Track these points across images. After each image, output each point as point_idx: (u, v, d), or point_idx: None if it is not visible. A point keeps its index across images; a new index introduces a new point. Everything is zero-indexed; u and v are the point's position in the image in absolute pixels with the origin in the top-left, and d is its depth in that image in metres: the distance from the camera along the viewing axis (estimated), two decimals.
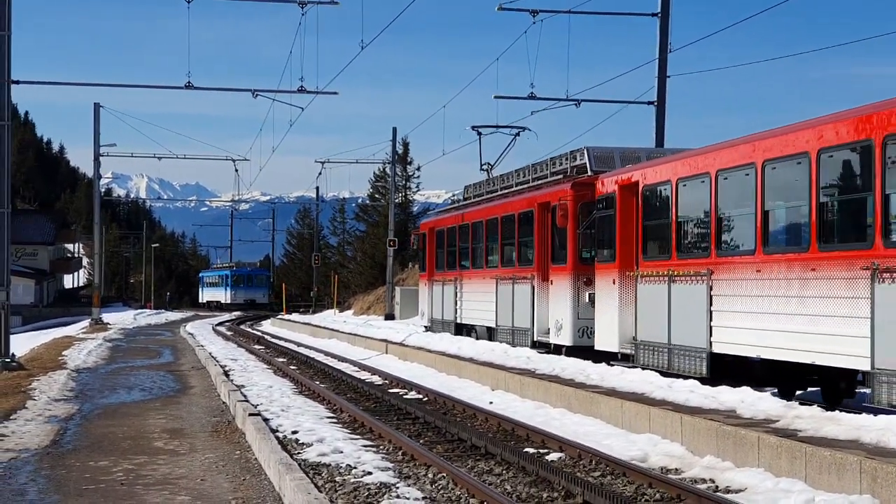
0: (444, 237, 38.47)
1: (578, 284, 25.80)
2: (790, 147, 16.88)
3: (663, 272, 20.96)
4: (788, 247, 17.21)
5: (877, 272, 14.51)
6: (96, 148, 63.94)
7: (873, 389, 14.63)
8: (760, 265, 17.67)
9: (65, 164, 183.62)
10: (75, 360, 32.38)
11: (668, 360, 20.68)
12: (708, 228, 19.53)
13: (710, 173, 19.38)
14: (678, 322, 20.34)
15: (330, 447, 14.67)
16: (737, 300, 18.45)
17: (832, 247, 15.88)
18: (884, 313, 14.41)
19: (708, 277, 19.27)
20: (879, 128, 14.66)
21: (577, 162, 27.22)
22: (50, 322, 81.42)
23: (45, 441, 15.84)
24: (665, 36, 35.35)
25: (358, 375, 27.35)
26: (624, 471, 12.98)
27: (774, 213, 17.78)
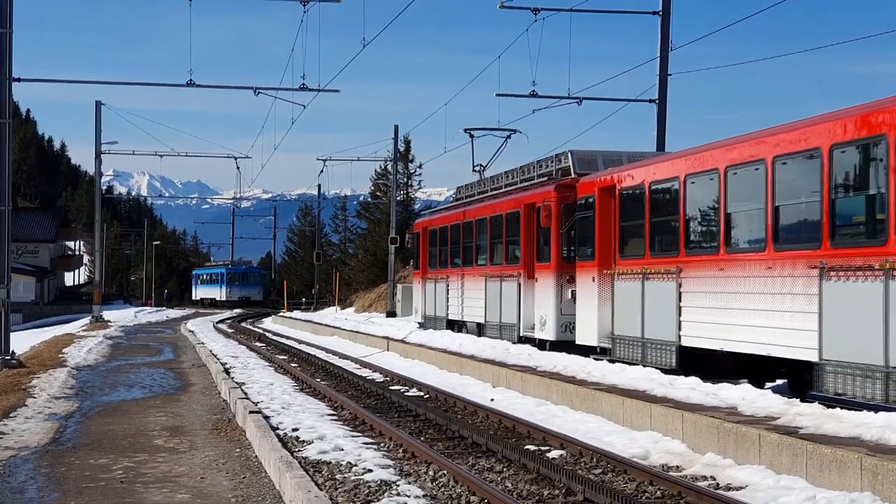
0: (437, 236, 39.44)
1: (562, 282, 26.89)
2: (749, 154, 17.99)
3: (638, 270, 22.02)
4: (748, 247, 18.22)
5: (824, 271, 15.67)
6: (97, 145, 63.98)
7: (820, 379, 15.70)
8: (724, 264, 18.74)
9: (66, 161, 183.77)
10: (76, 357, 32.38)
11: (641, 353, 21.73)
12: (677, 229, 20.54)
13: (680, 177, 20.45)
14: (651, 317, 21.43)
15: (330, 445, 14.65)
16: (702, 296, 19.52)
17: (785, 247, 16.97)
18: (830, 309, 15.55)
19: (677, 275, 20.34)
20: (827, 139, 15.81)
21: (561, 164, 28.24)
22: (51, 320, 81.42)
23: (44, 439, 15.82)
24: (666, 34, 35.34)
25: (359, 373, 27.33)
26: (625, 468, 12.96)
27: (736, 215, 18.72)
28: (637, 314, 21.94)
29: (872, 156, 15.06)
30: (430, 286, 40.20)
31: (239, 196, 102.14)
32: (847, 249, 15.47)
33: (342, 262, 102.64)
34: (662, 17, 35.39)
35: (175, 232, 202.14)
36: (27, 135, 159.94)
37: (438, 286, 38.71)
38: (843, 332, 15.35)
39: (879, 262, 14.59)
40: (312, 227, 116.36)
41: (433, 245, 40.15)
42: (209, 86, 49.04)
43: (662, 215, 21.41)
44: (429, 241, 40.82)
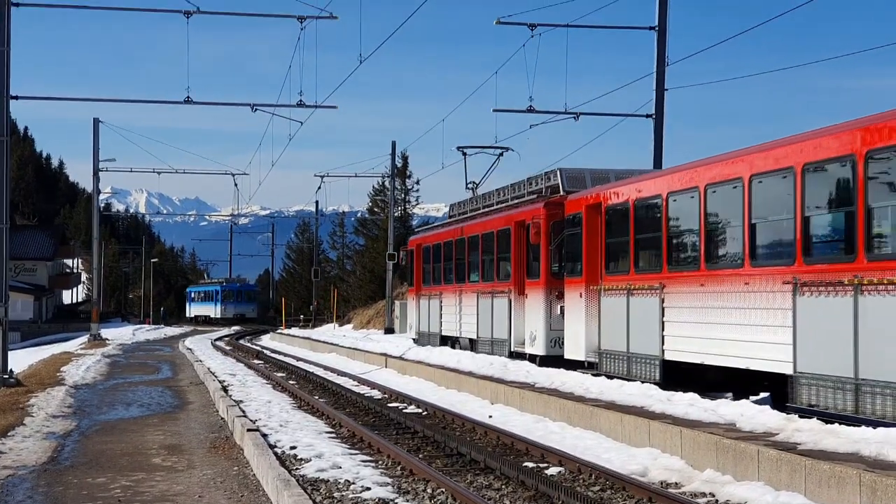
0: (430, 253, 40.09)
1: (551, 298, 27.40)
2: (728, 173, 18.61)
3: (623, 286, 22.63)
4: (726, 263, 18.76)
5: (798, 286, 16.28)
6: (95, 163, 64.02)
7: (795, 391, 16.32)
8: (704, 279, 19.32)
9: (64, 179, 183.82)
10: (73, 376, 32.33)
11: (627, 367, 22.36)
12: (660, 245, 21.09)
13: (662, 195, 21.03)
14: (635, 332, 22.04)
15: (329, 462, 14.64)
16: (684, 311, 20.12)
17: (762, 263, 17.55)
18: (803, 323, 16.19)
19: (660, 291, 20.94)
20: (799, 158, 16.41)
21: (550, 182, 28.74)
22: (48, 338, 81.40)
23: (42, 458, 15.80)
24: (663, 49, 35.38)
25: (357, 390, 27.30)
26: (624, 485, 12.93)
27: (715, 231, 19.33)
28: (622, 329, 22.54)
29: (842, 175, 15.52)
30: (423, 302, 40.84)
31: (237, 213, 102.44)
32: (819, 266, 15.95)
33: (340, 279, 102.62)
34: (659, 32, 35.44)
35: (173, 249, 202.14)
36: (25, 152, 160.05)
37: (432, 302, 39.33)
38: (815, 346, 15.91)
39: (849, 277, 15.09)
40: (310, 243, 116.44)
41: (427, 262, 40.72)
42: (206, 103, 49.00)
43: (646, 232, 21.88)
44: (422, 258, 41.39)
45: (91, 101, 49.93)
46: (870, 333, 14.72)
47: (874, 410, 14.57)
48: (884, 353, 14.45)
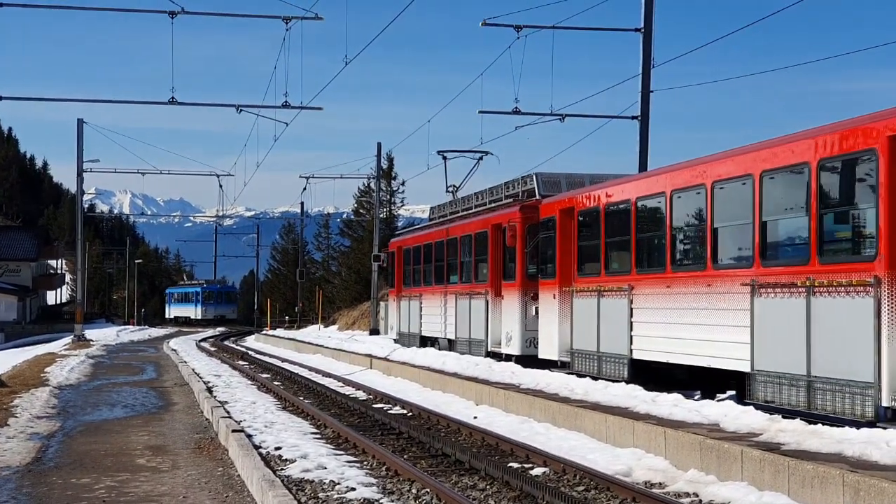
0: (410, 255, 40.93)
1: (526, 299, 28.26)
2: (692, 179, 19.29)
3: (594, 288, 23.33)
4: (691, 265, 19.55)
5: (755, 288, 17.01)
6: (79, 164, 63.85)
7: (752, 388, 17.07)
8: (670, 281, 20.06)
9: (48, 180, 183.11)
10: (58, 376, 32.25)
11: (597, 366, 23.05)
12: (629, 248, 21.81)
13: (631, 200, 21.76)
14: (606, 332, 22.75)
15: (314, 463, 14.64)
16: (652, 312, 20.82)
17: (723, 266, 18.29)
18: (760, 323, 16.91)
19: (629, 292, 21.61)
20: (758, 166, 17.06)
21: (527, 186, 29.75)
22: (32, 339, 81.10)
23: (26, 458, 15.76)
24: (648, 51, 35.40)
25: (342, 391, 27.29)
26: (608, 485, 12.96)
27: (680, 235, 20.06)
28: (593, 329, 23.24)
29: (796, 183, 16.18)
30: (404, 304, 41.59)
31: (221, 214, 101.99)
32: (775, 269, 16.66)
33: (325, 280, 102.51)
34: (644, 34, 35.46)
35: (157, 250, 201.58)
36: (9, 153, 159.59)
37: (412, 304, 40.07)
38: (771, 345, 16.63)
39: (802, 280, 15.81)
40: (295, 244, 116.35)
41: (407, 264, 41.42)
42: (191, 103, 48.92)
43: (616, 235, 22.59)
44: (403, 260, 42.11)
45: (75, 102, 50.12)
46: (821, 333, 15.40)
47: (825, 406, 15.26)
48: (833, 352, 15.10)
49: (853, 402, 14.71)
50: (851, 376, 14.72)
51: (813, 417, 14.98)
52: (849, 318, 14.81)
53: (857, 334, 14.59)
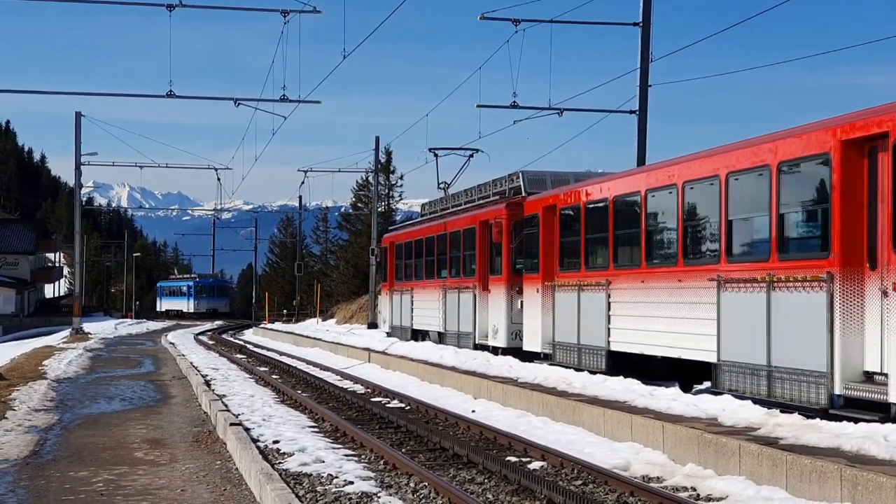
0: (402, 250, 41.95)
1: (512, 293, 29.19)
2: (665, 179, 20.27)
3: (575, 282, 24.30)
4: (664, 261, 20.45)
5: (721, 283, 17.93)
6: (77, 157, 63.75)
7: (718, 378, 18.00)
8: (645, 276, 20.99)
9: (46, 173, 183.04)
10: (56, 370, 32.26)
11: (577, 358, 24.00)
12: (607, 245, 22.80)
13: (609, 198, 22.73)
14: (585, 325, 23.69)
15: (311, 457, 14.63)
16: (628, 306, 21.82)
17: (692, 262, 19.29)
18: (726, 316, 17.84)
19: (607, 287, 22.58)
20: (724, 168, 18.08)
21: (513, 184, 30.81)
22: (30, 332, 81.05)
23: (24, 451, 15.76)
24: (646, 45, 35.35)
25: (340, 384, 27.30)
26: (606, 479, 12.97)
27: (654, 232, 20.98)
28: (574, 322, 24.21)
29: (759, 184, 17.03)
30: (396, 297, 42.57)
31: (220, 207, 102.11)
32: (739, 265, 17.63)
33: (323, 274, 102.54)
34: (643, 28, 35.43)
35: (155, 243, 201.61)
36: (7, 146, 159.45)
37: (404, 297, 41.06)
38: (735, 337, 17.53)
39: (762, 275, 16.77)
40: (294, 238, 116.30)
41: (399, 258, 42.42)
42: (189, 97, 48.97)
43: (596, 232, 23.53)
44: (395, 255, 43.10)
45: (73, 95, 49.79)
46: (780, 325, 16.29)
47: (783, 394, 16.17)
48: (791, 343, 16.00)
49: (809, 391, 15.55)
50: (807, 366, 15.56)
51: (773, 405, 15.73)
52: (805, 311, 15.64)
53: (812, 327, 15.38)
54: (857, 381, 14.86)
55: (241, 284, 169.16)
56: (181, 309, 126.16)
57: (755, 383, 16.87)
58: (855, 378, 14.90)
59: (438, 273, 36.25)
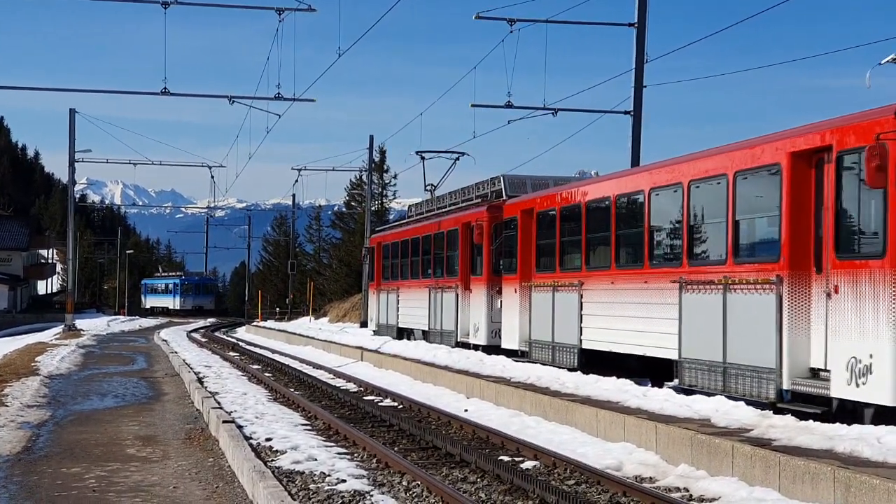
0: (389, 251, 43.00)
1: (492, 293, 30.39)
2: (633, 186, 21.28)
3: (550, 283, 25.34)
4: (631, 264, 21.46)
5: (683, 285, 18.92)
6: (71, 154, 63.66)
7: (680, 374, 18.97)
8: (614, 278, 21.99)
9: (40, 169, 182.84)
10: (48, 366, 32.21)
11: (552, 355, 24.98)
12: (580, 247, 23.81)
13: (582, 203, 23.72)
14: (559, 324, 24.72)
15: (304, 455, 14.62)
16: (598, 306, 22.81)
17: (657, 264, 20.25)
18: (686, 316, 18.82)
19: (579, 287, 23.58)
20: (687, 176, 19.05)
21: (495, 187, 31.98)
22: (23, 328, 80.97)
23: (17, 447, 15.74)
24: (641, 46, 35.34)
25: (333, 383, 27.29)
26: (598, 479, 12.97)
27: (623, 236, 21.94)
28: (549, 321, 25.27)
29: (717, 192, 18.10)
30: (383, 296, 43.55)
31: (213, 205, 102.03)
32: (699, 268, 18.63)
33: (316, 272, 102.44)
34: (638, 28, 35.43)
35: (148, 241, 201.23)
36: (1, 142, 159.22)
37: (390, 296, 42.03)
38: (695, 335, 18.54)
39: (719, 278, 17.75)
40: (287, 236, 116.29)
41: (386, 258, 43.46)
42: (184, 94, 48.91)
43: (570, 235, 24.56)
44: (382, 255, 44.11)
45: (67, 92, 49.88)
46: (734, 325, 17.32)
47: (737, 389, 17.12)
48: (744, 341, 17.00)
49: (759, 386, 16.57)
50: (758, 363, 16.56)
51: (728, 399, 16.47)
52: (756, 312, 16.66)
53: (763, 326, 16.40)
54: (804, 377, 15.80)
55: (234, 282, 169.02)
56: (167, 306, 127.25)
57: (713, 379, 17.86)
58: (802, 374, 15.84)
59: (423, 273, 37.24)
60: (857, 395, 14.45)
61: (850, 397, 14.63)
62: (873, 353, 14.11)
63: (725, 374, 17.49)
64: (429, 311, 35.99)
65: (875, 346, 14.08)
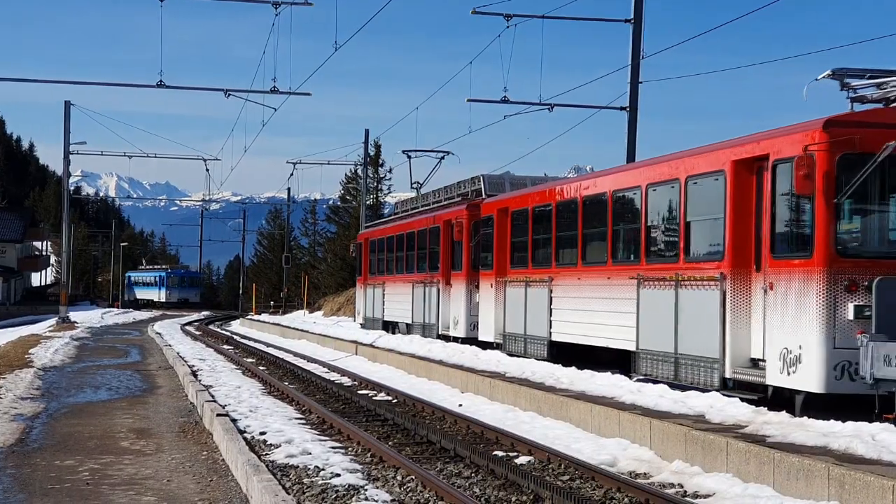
0: (376, 246, 44.41)
1: (471, 288, 31.54)
2: (597, 188, 22.56)
3: (523, 279, 26.56)
4: (596, 261, 22.63)
5: (641, 281, 20.09)
6: (66, 146, 63.49)
7: (637, 364, 20.17)
8: (581, 274, 23.23)
9: (34, 161, 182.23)
10: (42, 358, 32.17)
11: (524, 347, 26.18)
12: (550, 245, 25.06)
13: (552, 203, 24.98)
14: (531, 317, 25.87)
15: (298, 448, 14.60)
16: (566, 300, 23.96)
17: (618, 262, 21.50)
18: (644, 310, 20.02)
19: (549, 283, 24.74)
20: (645, 180, 20.27)
21: (475, 186, 33.24)
22: (17, 320, 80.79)
23: (10, 440, 15.71)
24: (638, 42, 35.35)
25: (327, 376, 27.27)
26: (593, 475, 12.97)
27: (589, 235, 23.09)
28: (521, 315, 26.49)
29: (671, 195, 19.31)
30: (370, 291, 44.88)
31: (208, 198, 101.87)
32: (654, 265, 19.83)
33: (311, 266, 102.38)
34: (634, 24, 35.43)
35: (143, 233, 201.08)
36: None
37: (376, 291, 43.33)
38: (651, 328, 19.74)
39: (671, 275, 18.96)
40: (282, 230, 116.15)
41: (373, 254, 44.84)
42: (179, 87, 48.95)
43: (541, 234, 25.85)
44: (369, 251, 45.52)
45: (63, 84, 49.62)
46: (684, 318, 18.50)
47: (687, 377, 18.27)
48: (692, 334, 18.16)
49: (705, 374, 17.72)
50: (704, 353, 17.72)
51: (679, 387, 17.69)
52: (703, 306, 17.83)
53: (709, 320, 17.55)
54: (745, 367, 17.03)
55: (229, 276, 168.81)
56: (153, 298, 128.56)
57: (666, 369, 19.07)
58: (743, 364, 17.07)
59: (408, 268, 38.46)
60: (789, 382, 15.63)
61: (783, 385, 15.81)
62: (802, 344, 15.26)
63: (677, 364, 18.65)
64: (412, 305, 37.22)
65: (804, 338, 15.23)
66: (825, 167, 15.14)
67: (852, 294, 15.02)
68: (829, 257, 15.15)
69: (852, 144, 15.15)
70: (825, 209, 15.21)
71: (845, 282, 15.04)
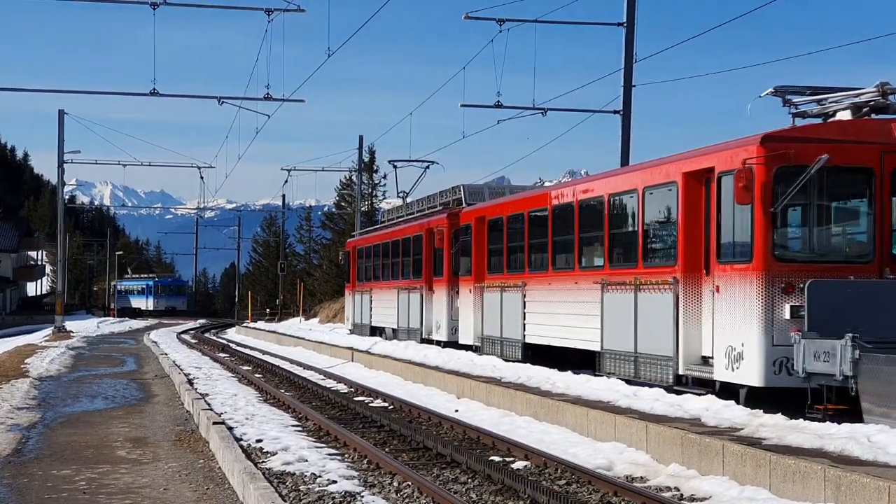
0: (363, 254, 45.91)
1: (452, 293, 32.81)
2: (566, 198, 23.64)
3: (498, 284, 27.87)
4: (564, 267, 23.83)
5: (605, 285, 21.23)
6: (60, 155, 63.50)
7: (601, 364, 21.33)
8: (551, 280, 24.44)
9: (28, 170, 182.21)
10: (38, 368, 32.15)
11: (500, 349, 27.41)
12: (523, 252, 26.33)
13: (525, 213, 26.33)
14: (506, 321, 27.17)
15: (295, 456, 14.61)
16: (539, 304, 25.20)
17: (585, 268, 22.73)
18: (607, 313, 21.17)
19: (523, 288, 26.01)
20: (608, 190, 21.41)
21: (456, 196, 34.37)
22: (12, 330, 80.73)
23: (6, 449, 15.71)
24: (630, 46, 35.35)
25: (323, 383, 27.26)
26: (589, 479, 12.98)
27: (559, 242, 24.26)
28: (497, 319, 27.81)
29: (631, 204, 20.53)
30: (358, 297, 46.34)
31: (203, 206, 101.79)
32: (617, 270, 21.00)
33: (307, 273, 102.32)
34: (627, 28, 35.46)
35: (138, 242, 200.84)
36: None
37: (364, 297, 44.75)
38: (613, 329, 20.89)
39: (631, 279, 20.09)
40: (277, 237, 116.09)
41: (360, 261, 46.30)
42: (173, 95, 48.84)
43: (515, 241, 27.12)
44: (357, 258, 47.01)
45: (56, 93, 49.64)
46: (643, 320, 19.65)
47: (645, 375, 19.46)
48: (650, 334, 19.32)
49: (661, 371, 18.88)
50: (660, 352, 18.86)
51: (637, 384, 18.87)
52: (658, 308, 18.96)
53: (664, 321, 18.70)
54: (696, 364, 18.13)
55: (224, 283, 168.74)
56: (140, 307, 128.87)
57: (626, 367, 20.24)
58: (695, 361, 18.16)
59: (393, 275, 39.82)
60: (733, 377, 16.68)
61: (728, 380, 16.85)
62: (745, 342, 16.32)
63: (636, 363, 19.85)
64: (398, 310, 38.56)
65: (746, 337, 16.28)
66: (763, 179, 16.25)
67: (789, 295, 16.11)
68: (767, 262, 16.24)
69: (788, 158, 16.21)
70: (763, 218, 16.30)
71: (782, 284, 16.16)
